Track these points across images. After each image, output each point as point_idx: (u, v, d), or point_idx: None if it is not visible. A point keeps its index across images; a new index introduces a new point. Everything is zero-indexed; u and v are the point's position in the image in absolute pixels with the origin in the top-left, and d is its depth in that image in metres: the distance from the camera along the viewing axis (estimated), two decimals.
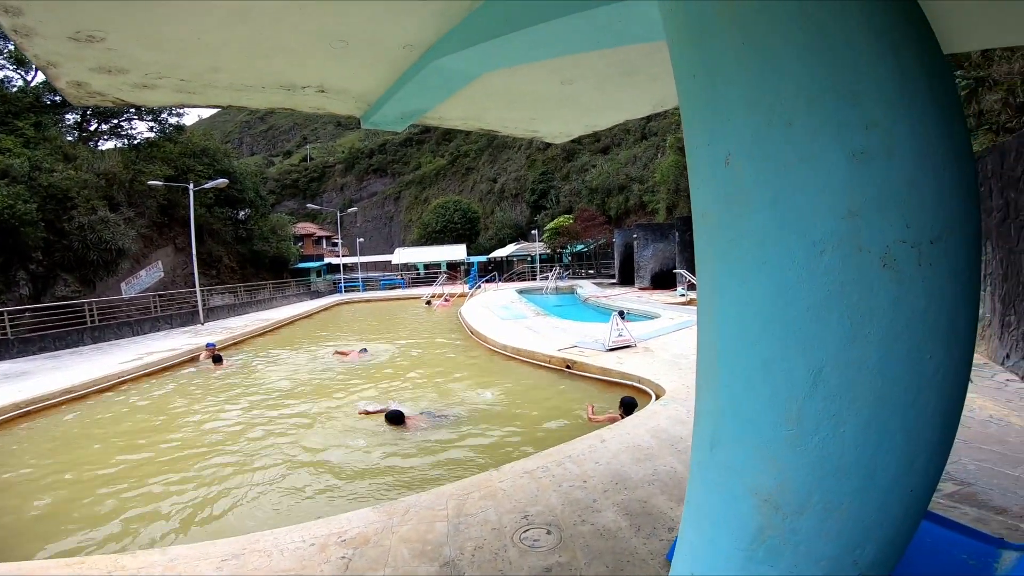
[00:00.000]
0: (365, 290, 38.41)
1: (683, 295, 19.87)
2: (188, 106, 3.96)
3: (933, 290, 1.09)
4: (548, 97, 3.95)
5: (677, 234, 23.55)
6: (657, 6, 1.52)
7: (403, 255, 46.63)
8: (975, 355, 7.04)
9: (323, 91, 3.57)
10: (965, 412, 4.74)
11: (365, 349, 12.82)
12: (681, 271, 21.28)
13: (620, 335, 9.82)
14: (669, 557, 2.77)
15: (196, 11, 2.39)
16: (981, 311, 7.19)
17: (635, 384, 7.31)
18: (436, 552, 2.95)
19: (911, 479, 1.18)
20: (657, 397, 6.29)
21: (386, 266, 51.59)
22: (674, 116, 41.06)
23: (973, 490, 3.28)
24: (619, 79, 3.57)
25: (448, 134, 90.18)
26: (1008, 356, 6.28)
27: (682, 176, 32.50)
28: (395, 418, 6.83)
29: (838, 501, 1.18)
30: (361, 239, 47.53)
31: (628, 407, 5.98)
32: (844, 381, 1.13)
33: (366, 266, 48.55)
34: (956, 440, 4.07)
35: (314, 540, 3.17)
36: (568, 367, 8.89)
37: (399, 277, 43.87)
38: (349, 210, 51.05)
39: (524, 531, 3.14)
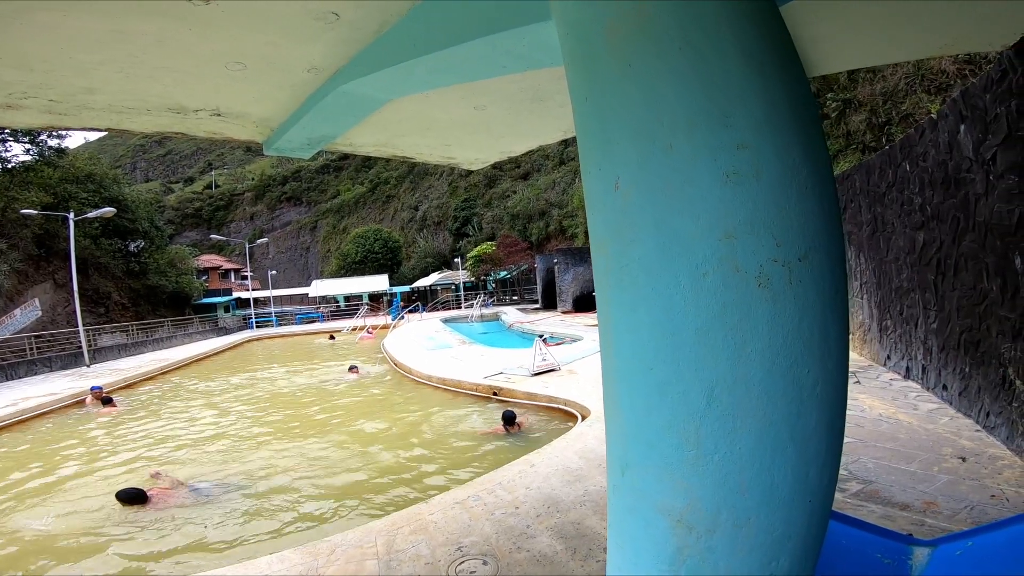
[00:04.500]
0: (279, 325, 36.22)
1: None
2: (60, 128, 3.56)
3: (805, 306, 1.17)
4: (462, 123, 3.98)
5: None
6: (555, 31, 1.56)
7: (321, 287, 44.71)
8: (861, 357, 7.84)
9: (219, 115, 3.35)
10: (858, 412, 5.22)
11: (355, 367, 13.53)
12: None
13: (544, 360, 9.93)
14: None
15: (65, 29, 2.17)
16: (861, 317, 8.03)
17: (561, 407, 7.38)
18: None
19: (808, 490, 1.24)
20: (583, 418, 6.38)
21: (303, 299, 49.16)
22: None
23: (876, 487, 3.53)
24: (530, 105, 3.67)
25: (368, 161, 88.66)
26: (889, 357, 7.02)
27: None
28: (131, 497, 5.27)
29: (745, 517, 1.21)
30: (274, 271, 45.04)
31: (509, 420, 6.91)
32: (734, 399, 1.17)
33: (281, 300, 46.01)
34: (854, 440, 4.45)
35: None
36: (495, 394, 8.82)
37: (317, 310, 41.88)
38: (259, 241, 48.27)
39: (459, 563, 3.01)
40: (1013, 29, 2.71)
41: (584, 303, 25.71)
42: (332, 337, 25.88)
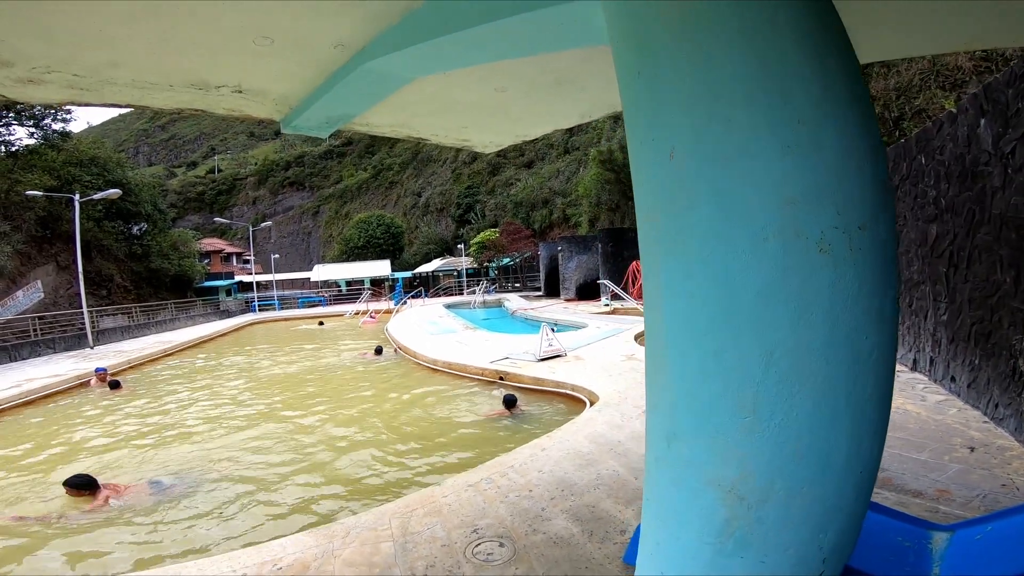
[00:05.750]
0: (281, 309, 36.30)
1: (607, 305, 20.60)
2: (80, 104, 3.53)
3: (864, 274, 1.19)
4: (481, 105, 3.96)
5: (600, 246, 24.46)
6: (600, 7, 1.56)
7: (323, 272, 44.69)
8: None
9: (240, 92, 3.34)
10: None
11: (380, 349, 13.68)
12: (605, 282, 22.07)
13: (550, 345, 9.97)
14: (626, 559, 2.78)
15: (99, 2, 2.15)
16: None
17: (568, 392, 7.43)
18: (386, 574, 2.79)
19: (860, 461, 1.27)
20: (591, 404, 6.43)
21: (304, 284, 49.19)
22: (596, 131, 42.93)
23: (888, 475, 3.57)
24: (550, 88, 3.65)
25: (371, 147, 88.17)
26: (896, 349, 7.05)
27: (604, 190, 33.92)
28: (79, 484, 5.05)
29: (799, 487, 1.23)
30: (276, 255, 44.95)
31: (509, 403, 7.06)
32: (793, 364, 1.19)
33: (283, 284, 46.00)
34: None
35: (245, 570, 2.89)
36: (501, 378, 8.87)
37: (319, 295, 41.92)
38: (262, 224, 48.14)
39: (476, 545, 3.05)
40: None
41: (587, 291, 25.72)
42: (321, 323, 25.85)
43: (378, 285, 42.80)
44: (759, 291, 1.19)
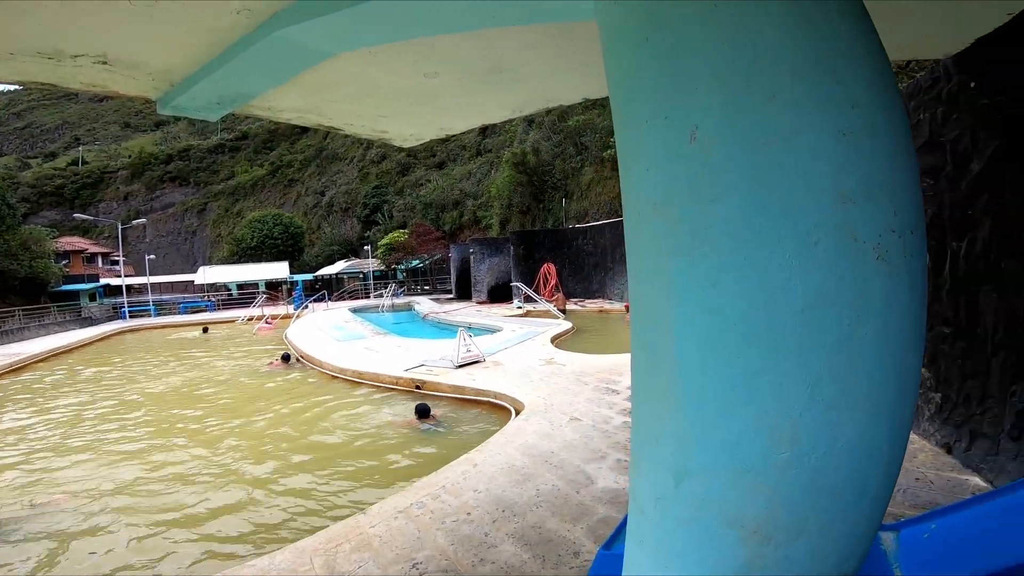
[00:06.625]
0: (158, 315, 32.39)
1: (520, 307, 20.67)
2: None
3: (914, 283, 1.04)
4: (407, 91, 3.57)
5: (512, 248, 24.55)
6: None
7: (210, 274, 40.60)
8: None
9: (105, 63, 2.67)
10: None
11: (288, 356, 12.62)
12: (518, 284, 22.14)
13: (468, 351, 9.65)
14: None
15: None
16: None
17: (492, 400, 7.16)
18: None
19: (892, 483, 1.12)
20: (517, 412, 6.20)
21: (188, 287, 44.41)
22: (509, 133, 43.24)
23: None
24: (485, 76, 3.36)
25: (270, 142, 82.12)
26: None
27: (516, 192, 34.23)
28: None
29: (831, 521, 1.06)
30: (152, 256, 40.01)
31: (423, 413, 6.74)
32: (842, 389, 1.00)
33: (161, 287, 41.22)
34: None
35: None
36: (418, 387, 8.39)
37: (205, 299, 38.01)
38: (135, 221, 42.47)
39: None
40: (960, 39, 2.87)
41: (499, 293, 25.69)
42: (205, 330, 23.27)
43: (275, 288, 39.82)
44: (806, 305, 0.99)
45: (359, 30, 2.27)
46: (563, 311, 18.61)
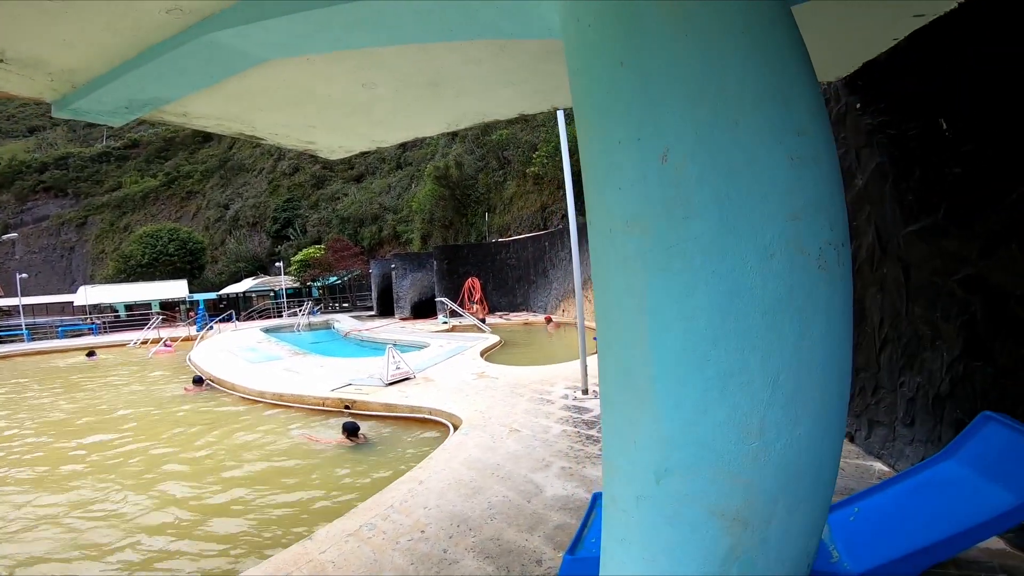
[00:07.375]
0: (32, 340, 28.49)
1: (446, 322, 20.47)
2: None
3: (847, 288, 1.21)
4: (341, 101, 3.48)
5: (436, 263, 24.32)
6: None
7: (92, 294, 36.42)
8: None
9: (2, 60, 2.40)
10: None
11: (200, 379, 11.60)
12: (442, 299, 21.94)
13: (398, 368, 9.42)
14: None
15: None
16: None
17: (427, 416, 7.02)
18: None
19: (836, 470, 1.27)
20: (455, 427, 6.13)
21: (66, 309, 39.44)
22: (430, 146, 42.89)
23: None
24: (423, 89, 3.36)
25: (164, 150, 75.31)
26: None
27: (438, 206, 33.96)
28: None
29: (797, 502, 1.19)
30: (24, 275, 35.19)
31: (352, 431, 6.51)
32: (797, 385, 1.14)
33: (35, 309, 36.34)
34: None
35: None
36: (347, 408, 8.04)
37: (88, 321, 33.97)
38: (3, 237, 37.19)
39: None
40: (850, 62, 3.27)
41: (423, 309, 25.32)
42: (91, 354, 20.52)
43: (171, 309, 36.46)
44: (766, 311, 1.12)
45: (302, 37, 2.20)
46: (483, 320, 18.79)
